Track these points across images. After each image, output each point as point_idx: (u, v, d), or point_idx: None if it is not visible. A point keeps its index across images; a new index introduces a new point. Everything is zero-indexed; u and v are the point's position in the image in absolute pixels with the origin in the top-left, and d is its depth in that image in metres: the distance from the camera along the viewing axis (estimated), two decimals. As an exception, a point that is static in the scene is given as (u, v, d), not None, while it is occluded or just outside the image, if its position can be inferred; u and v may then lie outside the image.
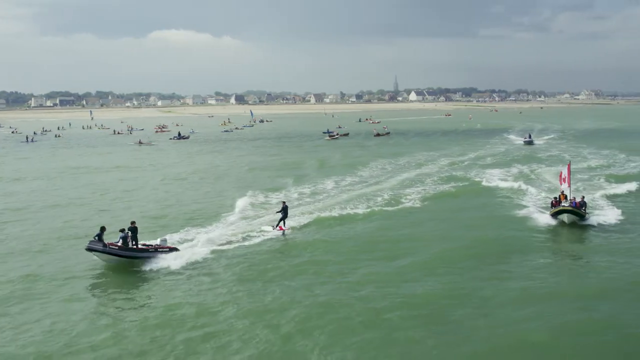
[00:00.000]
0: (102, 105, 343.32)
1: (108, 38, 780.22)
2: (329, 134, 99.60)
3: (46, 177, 51.98)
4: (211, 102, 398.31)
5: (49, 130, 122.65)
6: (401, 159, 60.84)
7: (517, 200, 36.55)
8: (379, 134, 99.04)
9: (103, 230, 24.17)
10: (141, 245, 24.71)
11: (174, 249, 25.10)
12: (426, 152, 67.30)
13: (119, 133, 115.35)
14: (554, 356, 16.10)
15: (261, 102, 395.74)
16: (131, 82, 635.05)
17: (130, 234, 24.29)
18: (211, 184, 46.64)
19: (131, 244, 24.21)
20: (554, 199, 31.54)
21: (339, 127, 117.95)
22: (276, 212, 30.64)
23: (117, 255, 23.65)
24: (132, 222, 25.03)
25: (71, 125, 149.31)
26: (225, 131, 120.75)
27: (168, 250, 24.76)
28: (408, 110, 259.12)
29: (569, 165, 31.69)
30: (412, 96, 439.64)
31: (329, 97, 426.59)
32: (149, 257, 24.12)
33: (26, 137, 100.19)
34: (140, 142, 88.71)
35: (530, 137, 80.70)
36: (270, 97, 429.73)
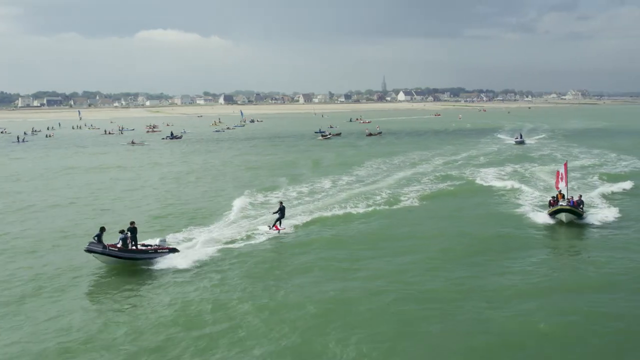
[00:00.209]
0: (89, 105, 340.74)
1: (94, 37, 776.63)
2: (321, 133, 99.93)
3: (43, 177, 51.92)
4: (200, 102, 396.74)
5: (39, 131, 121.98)
6: (395, 158, 61.40)
7: (514, 199, 37.10)
8: (371, 134, 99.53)
9: (103, 230, 23.91)
10: (140, 246, 24.48)
11: (173, 249, 24.95)
12: (419, 152, 67.95)
13: (110, 133, 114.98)
14: (562, 346, 16.63)
15: (250, 102, 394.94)
16: (118, 82, 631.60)
17: (129, 234, 24.05)
18: (209, 183, 46.89)
19: (131, 245, 23.98)
20: (552, 198, 31.72)
21: (330, 127, 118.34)
22: (273, 212, 30.75)
23: (116, 257, 23.44)
24: (132, 223, 24.79)
25: (61, 125, 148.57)
26: (217, 131, 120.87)
27: (168, 251, 24.61)
28: (396, 110, 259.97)
29: (566, 164, 31.99)
30: (401, 96, 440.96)
31: (317, 97, 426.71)
32: (149, 259, 24.00)
33: (17, 137, 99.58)
34: (132, 142, 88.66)
35: (521, 136, 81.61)
36: (259, 97, 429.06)
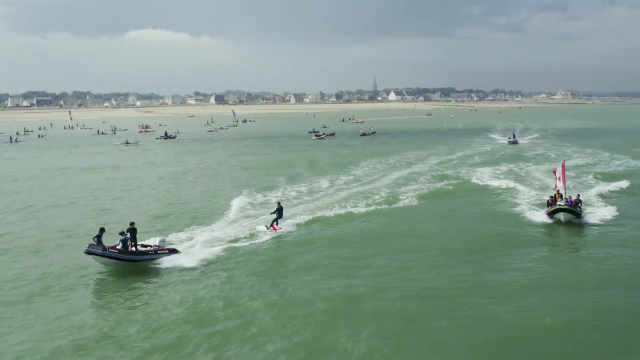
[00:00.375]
0: (80, 105, 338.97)
1: (84, 37, 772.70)
2: (315, 133, 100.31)
3: (40, 177, 51.91)
4: (191, 102, 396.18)
5: (31, 131, 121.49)
6: (391, 158, 61.88)
7: (510, 198, 37.58)
8: (365, 134, 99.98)
9: (102, 231, 23.67)
10: (140, 247, 24.39)
11: (173, 250, 24.87)
12: (414, 151, 68.47)
13: (102, 133, 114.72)
14: (566, 341, 17.07)
15: (241, 102, 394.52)
16: (108, 82, 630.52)
17: (129, 235, 23.88)
18: (206, 183, 47.09)
19: (130, 246, 23.79)
20: (550, 198, 31.76)
21: (324, 127, 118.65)
22: (271, 212, 30.90)
23: (116, 259, 23.27)
24: (132, 224, 24.62)
25: (52, 125, 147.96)
26: (210, 131, 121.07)
27: (168, 252, 24.55)
28: (388, 110, 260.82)
29: (563, 163, 32.46)
30: (392, 96, 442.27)
31: (308, 97, 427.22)
32: (149, 260, 23.95)
33: (10, 137, 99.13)
34: (127, 142, 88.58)
35: (514, 136, 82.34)
36: (250, 97, 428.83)
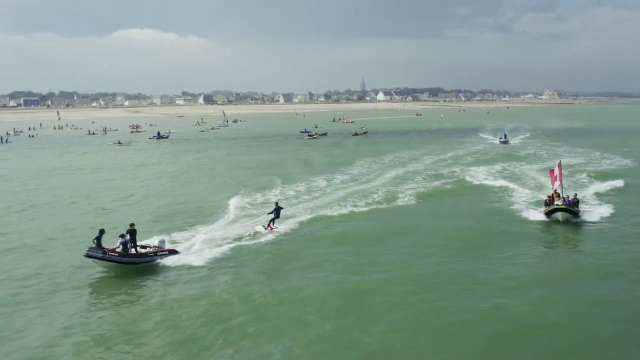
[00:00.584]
0: (67, 105, 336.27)
1: (71, 37, 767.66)
2: (307, 133, 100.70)
3: (36, 177, 51.78)
4: (179, 102, 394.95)
5: (21, 131, 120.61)
6: (385, 157, 62.45)
7: (507, 197, 38.19)
8: (357, 134, 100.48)
9: (102, 233, 23.49)
10: (140, 248, 24.38)
11: (173, 251, 24.83)
12: (407, 151, 69.11)
13: (93, 133, 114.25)
14: (570, 333, 17.69)
15: (230, 102, 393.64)
16: (95, 82, 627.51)
17: (129, 237, 23.82)
18: (204, 183, 47.30)
19: (130, 248, 23.72)
20: (547, 197, 32.04)
21: (315, 127, 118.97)
22: (268, 212, 31.07)
23: (116, 262, 23.17)
24: (131, 225, 24.50)
25: (42, 125, 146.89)
26: (202, 131, 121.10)
27: (167, 252, 24.52)
28: (377, 110, 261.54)
29: (560, 163, 33.01)
30: (380, 96, 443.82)
31: (297, 97, 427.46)
32: (149, 262, 23.90)
33: (0, 137, 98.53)
34: (119, 143, 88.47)
35: (505, 136, 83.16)
36: (239, 97, 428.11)
